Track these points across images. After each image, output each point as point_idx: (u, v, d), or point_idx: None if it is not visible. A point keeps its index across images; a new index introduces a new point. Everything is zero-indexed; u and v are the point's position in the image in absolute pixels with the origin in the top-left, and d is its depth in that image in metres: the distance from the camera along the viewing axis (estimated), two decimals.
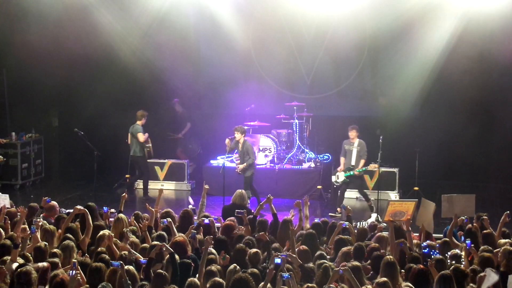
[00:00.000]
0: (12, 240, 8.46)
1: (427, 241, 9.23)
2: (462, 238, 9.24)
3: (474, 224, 9.79)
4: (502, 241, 8.99)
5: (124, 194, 10.69)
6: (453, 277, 7.10)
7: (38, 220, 9.36)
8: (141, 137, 14.60)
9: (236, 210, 10.21)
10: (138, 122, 14.72)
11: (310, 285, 7.23)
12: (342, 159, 13.80)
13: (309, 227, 9.96)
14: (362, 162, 13.52)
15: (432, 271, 7.59)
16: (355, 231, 9.97)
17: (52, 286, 6.96)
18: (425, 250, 8.55)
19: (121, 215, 9.77)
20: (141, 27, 16.42)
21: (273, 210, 10.40)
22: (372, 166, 13.45)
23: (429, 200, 10.92)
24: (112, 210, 10.80)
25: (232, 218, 9.99)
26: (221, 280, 7.12)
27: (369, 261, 8.28)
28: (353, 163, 13.59)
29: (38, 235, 8.77)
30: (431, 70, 15.59)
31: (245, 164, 13.70)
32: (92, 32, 15.89)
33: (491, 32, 14.69)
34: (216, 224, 10.15)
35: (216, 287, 6.97)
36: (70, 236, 8.76)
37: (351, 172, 13.56)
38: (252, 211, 10.80)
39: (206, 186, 11.27)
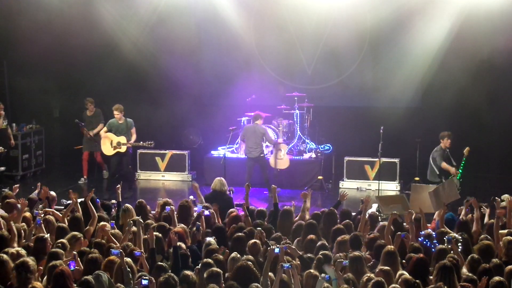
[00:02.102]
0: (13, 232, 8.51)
1: (428, 230, 9.21)
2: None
3: (469, 215, 9.81)
4: (503, 231, 8.97)
5: (118, 186, 10.70)
6: (453, 267, 7.11)
7: (41, 212, 9.38)
8: None
9: (236, 203, 10.27)
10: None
11: (312, 271, 7.25)
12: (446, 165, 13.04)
13: (309, 218, 9.98)
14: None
15: (454, 249, 7.72)
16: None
17: (52, 277, 6.97)
18: (420, 238, 8.57)
19: (128, 205, 9.83)
20: (142, 18, 16.40)
21: (275, 200, 10.43)
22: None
23: None
24: (113, 201, 10.84)
25: (233, 210, 10.05)
26: (218, 269, 7.13)
27: (368, 252, 8.32)
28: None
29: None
30: (432, 61, 15.58)
31: None
32: (93, 23, 15.87)
33: (491, 22, 14.65)
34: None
35: (212, 277, 6.99)
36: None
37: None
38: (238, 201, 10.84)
39: (196, 184, 11.20)
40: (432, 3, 15.19)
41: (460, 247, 8.25)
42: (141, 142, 14.11)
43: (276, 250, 7.37)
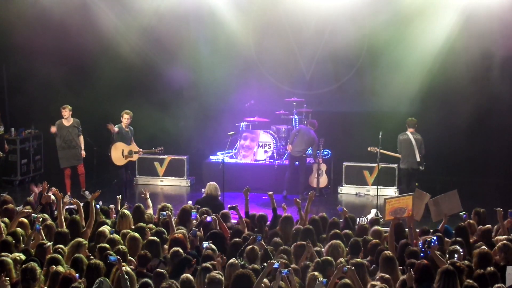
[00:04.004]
0: (15, 236, 8.50)
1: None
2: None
3: (467, 221, 9.81)
4: (501, 237, 8.98)
5: (118, 196, 10.73)
6: (456, 272, 7.10)
7: (39, 216, 9.37)
8: None
9: (229, 206, 10.30)
10: None
11: (316, 273, 7.23)
12: None
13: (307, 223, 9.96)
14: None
15: (435, 256, 7.71)
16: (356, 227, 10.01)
17: (59, 284, 6.98)
18: (420, 243, 8.56)
19: (125, 211, 9.84)
20: (140, 22, 16.38)
21: (273, 205, 10.42)
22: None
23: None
24: (111, 206, 10.84)
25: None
26: (218, 275, 7.11)
27: (369, 257, 8.34)
28: None
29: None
30: (431, 65, 15.58)
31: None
32: (93, 28, 15.87)
33: (491, 26, 14.64)
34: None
35: (214, 283, 6.97)
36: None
37: None
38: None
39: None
40: (431, 8, 15.19)
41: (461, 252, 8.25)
42: (153, 149, 14.09)
43: (276, 265, 7.23)
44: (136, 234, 8.75)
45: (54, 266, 7.34)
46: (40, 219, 9.20)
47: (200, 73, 16.93)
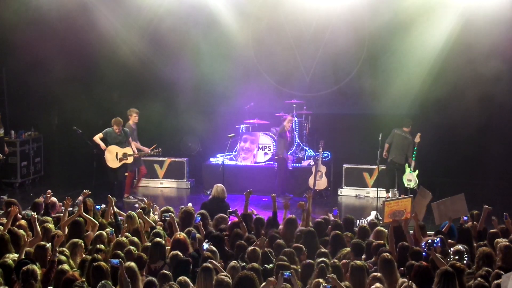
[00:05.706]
0: (13, 235, 8.50)
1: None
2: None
3: (469, 223, 9.82)
4: (500, 240, 8.98)
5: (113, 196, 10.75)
6: (455, 273, 7.11)
7: (33, 214, 9.34)
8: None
9: (228, 211, 10.29)
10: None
11: (320, 280, 7.23)
12: None
13: (311, 225, 9.98)
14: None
15: (434, 258, 7.70)
16: (356, 229, 10.01)
17: (61, 284, 6.99)
18: (423, 244, 8.57)
19: (132, 212, 9.87)
20: (140, 25, 16.42)
21: (274, 208, 10.42)
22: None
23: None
24: (103, 205, 10.83)
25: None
26: (226, 278, 7.11)
27: (373, 258, 8.36)
28: None
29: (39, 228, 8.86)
30: (431, 67, 15.61)
31: None
32: (91, 30, 15.89)
33: (490, 28, 14.67)
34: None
35: (221, 285, 6.97)
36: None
37: None
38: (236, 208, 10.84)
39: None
40: (431, 10, 15.22)
41: (466, 258, 8.25)
42: (149, 151, 14.03)
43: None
44: (135, 239, 8.76)
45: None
46: (35, 216, 9.17)
47: (200, 75, 16.94)
